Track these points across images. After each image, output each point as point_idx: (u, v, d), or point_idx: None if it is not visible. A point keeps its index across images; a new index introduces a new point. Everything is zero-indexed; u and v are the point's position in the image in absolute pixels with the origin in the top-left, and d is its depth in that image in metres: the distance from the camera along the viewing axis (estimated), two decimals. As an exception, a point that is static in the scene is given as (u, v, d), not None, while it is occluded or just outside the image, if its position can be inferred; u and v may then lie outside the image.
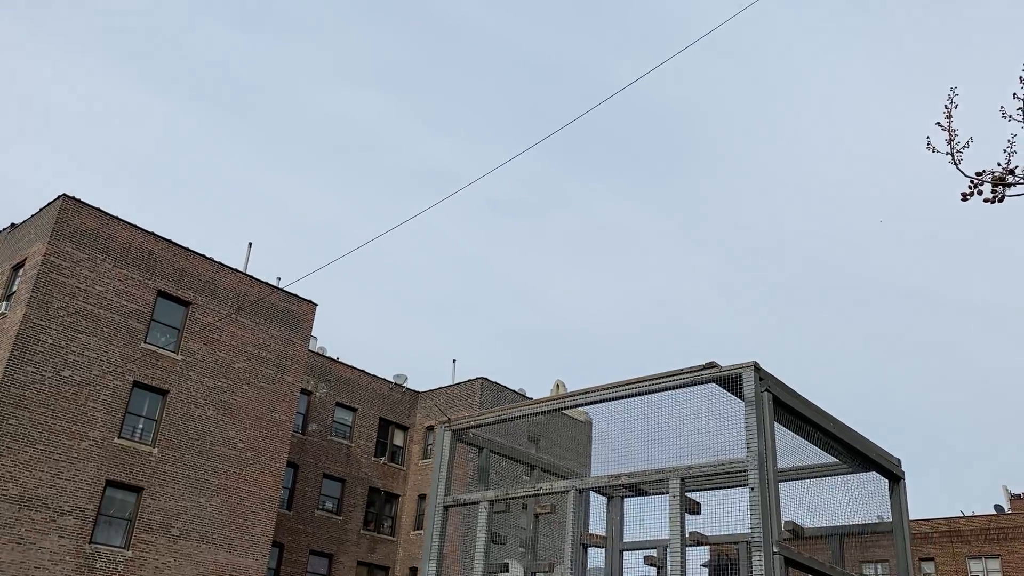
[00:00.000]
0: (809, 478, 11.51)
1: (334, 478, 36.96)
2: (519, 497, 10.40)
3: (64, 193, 26.59)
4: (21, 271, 26.59)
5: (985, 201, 6.44)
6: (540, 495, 10.36)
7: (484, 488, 11.04)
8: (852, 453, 10.89)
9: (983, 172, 6.46)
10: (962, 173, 6.46)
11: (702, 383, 9.55)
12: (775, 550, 8.36)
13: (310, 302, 32.40)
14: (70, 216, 26.45)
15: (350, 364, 38.83)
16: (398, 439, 39.99)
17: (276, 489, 29.62)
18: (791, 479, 11.20)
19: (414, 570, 36.92)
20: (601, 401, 10.11)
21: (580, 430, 35.99)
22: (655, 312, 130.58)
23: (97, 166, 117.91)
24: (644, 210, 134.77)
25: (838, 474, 11.47)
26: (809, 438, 10.48)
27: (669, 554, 8.98)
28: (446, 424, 10.93)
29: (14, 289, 26.43)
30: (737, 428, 9.29)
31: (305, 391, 36.16)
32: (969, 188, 6.43)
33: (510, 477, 12.72)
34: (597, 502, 13.29)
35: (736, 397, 9.40)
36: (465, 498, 10.90)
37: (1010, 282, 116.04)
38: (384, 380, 40.12)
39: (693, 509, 9.43)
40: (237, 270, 30.71)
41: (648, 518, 11.34)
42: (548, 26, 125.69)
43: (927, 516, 39.50)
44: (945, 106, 6.50)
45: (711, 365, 9.44)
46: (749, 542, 8.87)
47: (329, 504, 36.66)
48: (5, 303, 26.37)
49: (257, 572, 28.35)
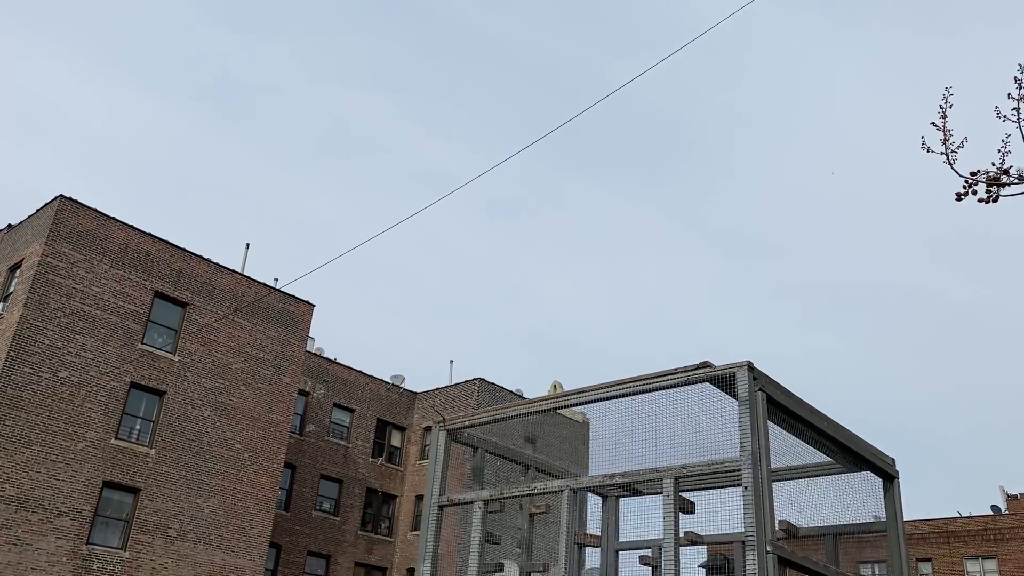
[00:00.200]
0: (804, 477, 11.52)
1: (331, 479, 36.95)
2: (513, 497, 10.41)
3: (61, 194, 26.58)
4: (18, 272, 26.57)
5: (980, 201, 6.44)
6: (535, 495, 10.37)
7: (479, 488, 11.04)
8: (846, 452, 10.91)
9: (977, 172, 6.46)
10: (956, 173, 6.46)
11: (696, 383, 9.57)
12: (769, 549, 8.37)
13: (307, 303, 32.39)
14: (67, 217, 26.44)
15: (347, 365, 38.82)
16: (395, 440, 39.98)
17: (273, 490, 29.60)
18: (786, 479, 11.21)
19: (412, 571, 36.90)
20: (595, 401, 10.11)
21: (577, 431, 36.03)
22: (652, 313, 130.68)
23: (94, 167, 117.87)
24: (641, 211, 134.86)
25: (832, 473, 11.49)
26: (803, 437, 10.49)
27: (663, 554, 8.99)
28: (441, 424, 10.94)
29: (11, 290, 26.42)
30: (731, 427, 9.29)
31: (302, 392, 36.15)
32: (964, 188, 6.43)
33: (507, 478, 12.72)
34: (594, 502, 13.31)
35: (730, 396, 9.40)
36: (460, 498, 10.91)
37: (1007, 282, 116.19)
38: (381, 381, 40.10)
39: (687, 509, 9.44)
40: (234, 271, 30.70)
41: (643, 518, 11.37)
42: (547, 28, 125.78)
43: (924, 516, 39.55)
44: (940, 106, 6.50)
45: (705, 364, 9.46)
46: (744, 542, 8.87)
47: (326, 505, 36.65)
48: (2, 304, 26.36)
49: (254, 573, 28.34)
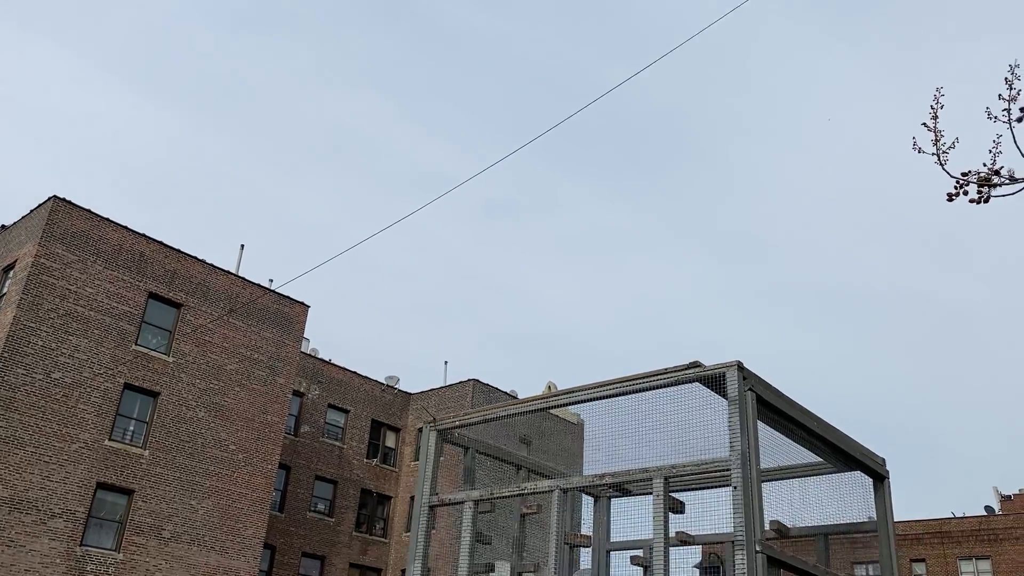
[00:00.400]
0: (795, 478, 11.53)
1: (326, 480, 36.89)
2: (504, 497, 10.40)
3: (55, 195, 26.51)
4: (11, 273, 26.51)
5: (971, 202, 6.45)
6: (525, 495, 10.36)
7: (469, 488, 11.04)
8: (836, 452, 10.92)
9: (969, 173, 6.48)
10: (948, 174, 6.48)
11: (686, 382, 9.57)
12: (758, 548, 8.38)
13: (302, 304, 32.34)
14: (61, 218, 26.38)
15: (342, 366, 38.78)
16: (390, 441, 39.93)
17: (268, 491, 29.55)
18: (777, 479, 11.22)
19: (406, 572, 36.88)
20: (586, 401, 10.11)
21: (573, 432, 36.02)
22: (648, 313, 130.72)
23: (89, 168, 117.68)
24: (635, 212, 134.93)
25: (823, 473, 11.50)
26: (793, 437, 10.50)
27: (653, 553, 8.99)
28: (431, 424, 10.93)
29: (4, 291, 26.34)
30: (721, 428, 9.29)
31: (297, 393, 36.10)
32: (955, 189, 6.45)
33: (500, 479, 12.71)
34: (588, 503, 13.30)
35: (720, 396, 9.41)
36: (450, 498, 10.90)
37: (1002, 282, 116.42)
38: (376, 382, 40.05)
39: (677, 508, 9.44)
40: (229, 272, 30.65)
41: (634, 518, 11.38)
42: (542, 29, 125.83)
43: (918, 517, 39.63)
44: (931, 107, 6.51)
45: (695, 364, 9.46)
46: (733, 541, 8.88)
47: (321, 506, 36.60)
48: (-5, 305, 26.30)
49: (248, 574, 28.29)
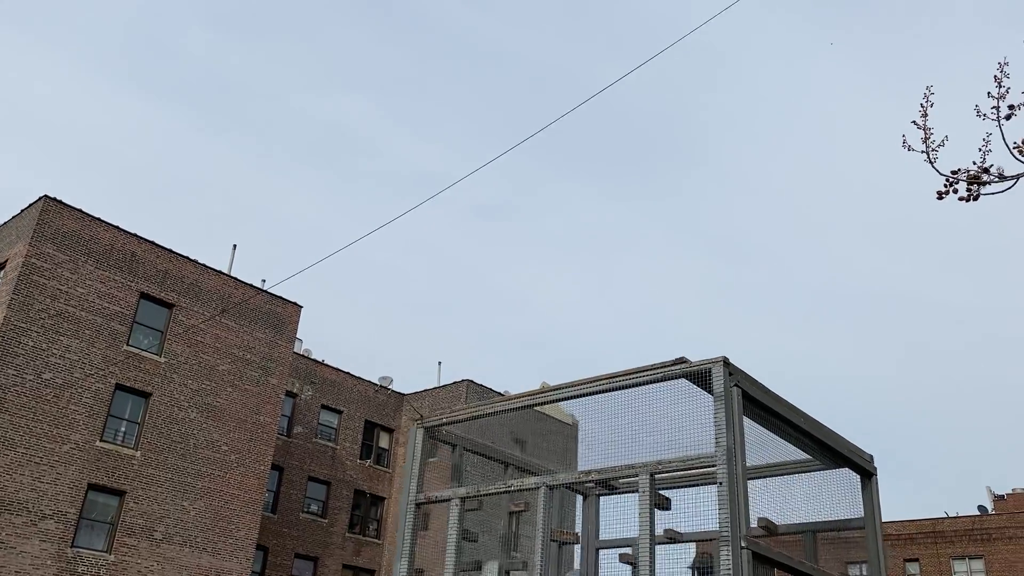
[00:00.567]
0: (783, 475, 11.53)
1: (319, 481, 36.83)
2: (490, 494, 10.38)
3: (45, 194, 26.45)
4: (1, 273, 26.43)
5: (960, 199, 6.45)
6: (511, 492, 10.34)
7: (456, 485, 11.01)
8: (824, 449, 10.91)
9: (958, 171, 6.47)
10: (937, 172, 6.47)
11: (673, 378, 9.55)
12: (743, 545, 8.36)
13: (295, 304, 32.29)
14: (51, 217, 26.31)
15: (335, 366, 38.72)
16: (383, 441, 39.89)
17: (260, 492, 29.49)
18: (765, 476, 11.21)
19: (400, 573, 36.79)
20: (573, 397, 10.09)
21: (568, 432, 35.99)
22: (641, 314, 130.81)
23: (80, 167, 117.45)
24: (627, 212, 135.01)
25: (811, 470, 11.50)
26: (781, 434, 10.49)
27: (639, 550, 8.97)
28: (418, 421, 10.91)
29: (-5, 291, 26.28)
30: (708, 424, 9.28)
31: (290, 393, 36.05)
32: (945, 187, 6.44)
33: (490, 477, 12.67)
34: (580, 501, 13.28)
35: (707, 392, 9.39)
36: (436, 495, 10.88)
37: (996, 283, 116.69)
38: (369, 382, 40.01)
39: (663, 504, 9.42)
40: (221, 272, 30.59)
41: (622, 516, 11.35)
42: (534, 30, 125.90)
43: (912, 517, 39.69)
44: (921, 105, 6.50)
45: (681, 360, 9.44)
46: (719, 538, 8.86)
47: (314, 507, 36.53)
48: (-14, 305, 26.21)
49: None
